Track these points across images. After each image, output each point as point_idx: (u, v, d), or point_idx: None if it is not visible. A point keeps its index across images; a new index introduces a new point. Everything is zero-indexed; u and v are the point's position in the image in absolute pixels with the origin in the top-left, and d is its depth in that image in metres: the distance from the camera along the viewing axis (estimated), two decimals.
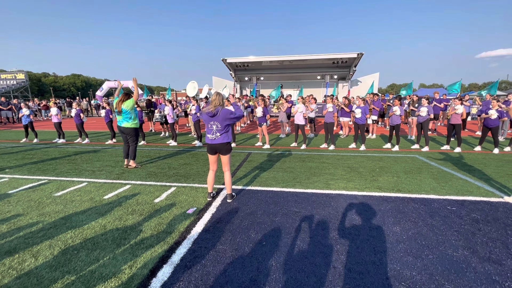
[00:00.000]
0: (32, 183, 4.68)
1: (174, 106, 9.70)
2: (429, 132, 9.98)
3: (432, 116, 7.55)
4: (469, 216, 3.36)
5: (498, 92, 21.27)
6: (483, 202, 3.80)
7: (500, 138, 9.08)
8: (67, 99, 22.98)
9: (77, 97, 25.02)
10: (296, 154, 6.97)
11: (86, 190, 4.35)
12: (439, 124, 12.68)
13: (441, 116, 12.38)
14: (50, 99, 21.76)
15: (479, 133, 10.37)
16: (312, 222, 3.19)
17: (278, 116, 10.78)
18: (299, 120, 7.91)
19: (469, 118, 14.11)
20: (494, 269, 2.32)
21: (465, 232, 2.96)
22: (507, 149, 7.47)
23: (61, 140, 9.24)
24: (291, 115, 10.90)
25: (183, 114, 13.63)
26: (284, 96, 12.90)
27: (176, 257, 2.49)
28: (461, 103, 7.56)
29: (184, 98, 15.17)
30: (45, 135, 11.03)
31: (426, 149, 7.45)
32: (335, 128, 10.52)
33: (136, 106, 5.72)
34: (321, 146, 8.03)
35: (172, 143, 8.58)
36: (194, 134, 9.89)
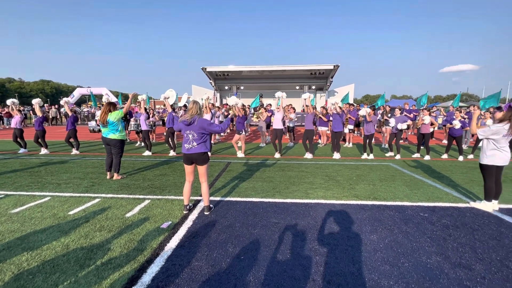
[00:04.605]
0: None
1: (151, 115, 9.34)
2: (401, 141, 10.47)
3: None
4: (440, 222, 3.49)
5: (460, 104, 23.03)
6: (452, 208, 3.98)
7: (464, 146, 9.75)
8: (32, 106, 21.51)
9: (45, 104, 23.48)
10: (275, 163, 6.96)
11: (48, 205, 3.98)
12: (409, 133, 13.40)
13: (411, 126, 13.10)
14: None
15: (445, 141, 11.08)
16: (291, 233, 3.14)
17: (257, 125, 10.79)
18: (277, 125, 7.89)
19: (436, 128, 15.08)
20: (465, 274, 2.40)
21: (437, 238, 3.06)
22: (471, 156, 8.03)
23: (22, 150, 8.51)
24: (271, 124, 10.96)
25: (161, 123, 13.24)
26: (264, 106, 12.99)
27: (147, 277, 2.31)
28: (429, 114, 8.08)
29: (162, 106, 14.81)
30: (6, 145, 10.14)
31: (398, 157, 7.79)
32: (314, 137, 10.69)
33: (122, 117, 5.31)
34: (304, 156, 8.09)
35: (147, 152, 8.23)
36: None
